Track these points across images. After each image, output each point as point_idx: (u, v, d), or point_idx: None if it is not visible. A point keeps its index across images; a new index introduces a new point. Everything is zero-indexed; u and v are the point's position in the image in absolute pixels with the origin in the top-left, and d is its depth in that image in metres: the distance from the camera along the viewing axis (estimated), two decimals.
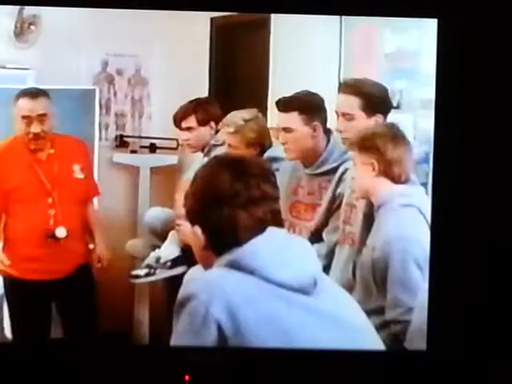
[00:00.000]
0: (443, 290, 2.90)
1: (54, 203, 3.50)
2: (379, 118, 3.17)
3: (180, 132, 3.93)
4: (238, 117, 3.60)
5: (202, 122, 3.87)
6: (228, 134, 3.60)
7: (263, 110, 3.76)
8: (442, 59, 2.94)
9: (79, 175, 3.61)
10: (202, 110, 3.87)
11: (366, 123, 3.16)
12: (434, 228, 2.90)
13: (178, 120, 3.91)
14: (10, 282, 3.54)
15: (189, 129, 3.89)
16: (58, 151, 3.54)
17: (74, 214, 3.57)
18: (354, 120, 3.20)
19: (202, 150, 3.87)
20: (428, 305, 2.80)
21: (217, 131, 3.81)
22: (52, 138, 3.53)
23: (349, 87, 3.26)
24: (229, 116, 3.64)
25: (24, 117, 3.45)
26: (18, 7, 3.91)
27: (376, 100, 3.18)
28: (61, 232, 3.49)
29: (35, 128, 3.45)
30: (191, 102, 3.93)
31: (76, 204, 3.59)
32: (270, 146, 3.59)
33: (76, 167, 3.60)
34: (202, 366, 2.76)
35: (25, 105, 3.45)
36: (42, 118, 3.45)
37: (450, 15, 2.92)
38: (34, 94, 3.47)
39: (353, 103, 3.20)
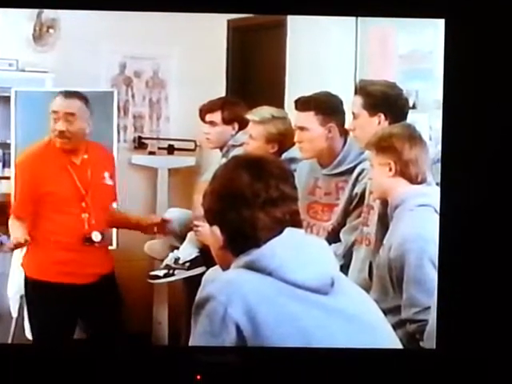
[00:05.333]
0: (453, 289, 2.90)
1: (87, 207, 3.51)
2: (381, 117, 3.18)
3: (202, 125, 3.95)
4: (266, 111, 3.63)
5: (227, 121, 3.89)
6: (252, 124, 3.62)
7: None
8: (450, 59, 2.95)
9: (109, 182, 3.64)
10: (229, 109, 3.89)
11: (368, 121, 3.18)
12: (444, 227, 2.90)
13: (203, 112, 3.93)
14: (34, 285, 3.51)
15: (212, 123, 3.91)
16: (91, 157, 3.56)
17: (102, 219, 3.58)
18: (358, 118, 3.23)
19: (221, 149, 3.90)
20: (437, 304, 2.79)
21: (237, 132, 3.83)
22: (86, 144, 3.54)
23: (357, 87, 3.29)
24: (258, 108, 3.66)
25: (52, 112, 3.46)
26: (36, 11, 3.96)
27: (377, 99, 3.19)
28: (96, 236, 3.51)
29: (60, 126, 3.45)
30: (220, 98, 3.97)
31: (104, 210, 3.61)
32: (291, 147, 3.58)
33: (106, 174, 3.63)
34: (213, 365, 2.77)
35: (56, 101, 3.48)
36: (69, 117, 3.45)
37: (457, 15, 2.93)
38: (69, 93, 3.49)
39: (357, 102, 3.22)
